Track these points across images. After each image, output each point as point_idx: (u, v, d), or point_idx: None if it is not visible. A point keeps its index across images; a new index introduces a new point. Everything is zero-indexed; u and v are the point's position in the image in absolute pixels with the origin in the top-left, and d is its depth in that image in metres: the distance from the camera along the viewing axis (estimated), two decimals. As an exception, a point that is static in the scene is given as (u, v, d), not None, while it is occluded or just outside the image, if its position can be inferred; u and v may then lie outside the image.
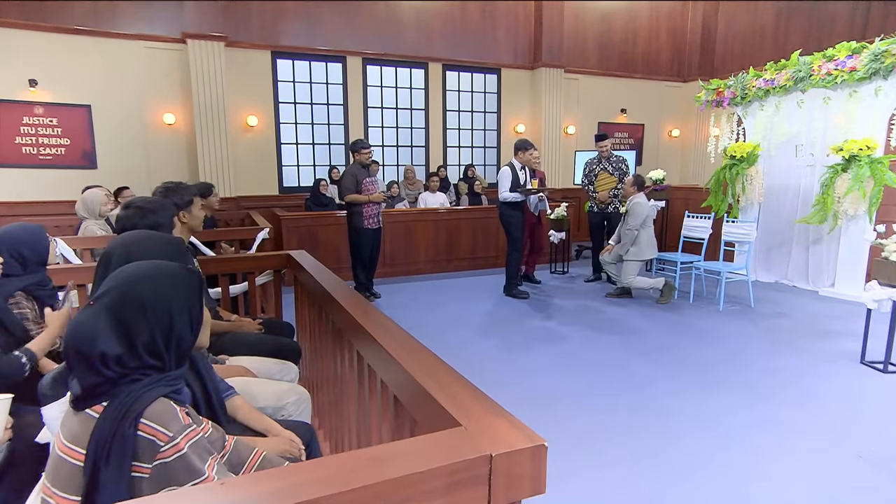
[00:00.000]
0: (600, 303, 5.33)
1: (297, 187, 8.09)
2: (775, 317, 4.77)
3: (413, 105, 8.79)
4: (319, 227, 6.24)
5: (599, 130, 9.93)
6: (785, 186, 6.10)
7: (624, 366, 3.62)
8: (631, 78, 10.18)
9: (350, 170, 5.15)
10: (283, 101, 7.85)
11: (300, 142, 8.10)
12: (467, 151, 9.39)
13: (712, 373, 3.48)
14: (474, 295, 5.65)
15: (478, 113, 9.32)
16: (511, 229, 5.38)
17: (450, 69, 8.92)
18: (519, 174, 5.31)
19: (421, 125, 8.90)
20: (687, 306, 5.17)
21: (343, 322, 1.75)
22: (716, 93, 6.55)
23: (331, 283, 2.06)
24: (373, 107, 8.50)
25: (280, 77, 7.77)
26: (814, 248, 5.80)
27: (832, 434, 2.68)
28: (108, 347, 0.99)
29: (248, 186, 7.68)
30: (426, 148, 9.00)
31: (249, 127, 7.63)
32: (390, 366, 1.26)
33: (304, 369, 2.72)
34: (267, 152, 7.80)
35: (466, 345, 4.03)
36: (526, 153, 5.29)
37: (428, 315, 4.87)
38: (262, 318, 2.72)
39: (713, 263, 5.33)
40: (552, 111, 9.32)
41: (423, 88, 8.79)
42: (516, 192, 5.22)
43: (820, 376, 3.40)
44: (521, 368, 3.56)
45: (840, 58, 5.18)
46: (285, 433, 1.52)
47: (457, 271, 6.89)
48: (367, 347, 1.48)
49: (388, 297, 5.53)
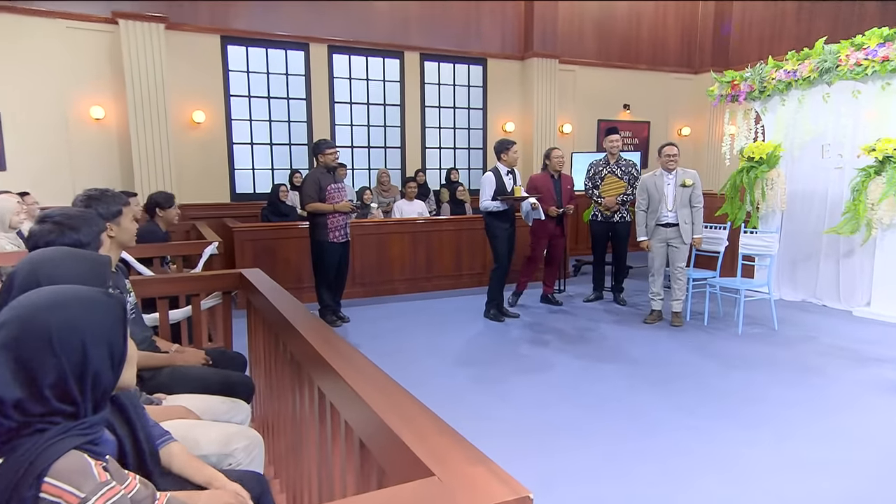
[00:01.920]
0: (601, 325, 5.37)
1: (253, 194, 8.08)
2: (802, 341, 4.86)
3: (387, 100, 8.86)
4: (278, 241, 6.21)
5: (599, 128, 10.12)
6: (810, 192, 6.26)
7: (627, 398, 3.64)
8: (635, 69, 10.42)
9: (313, 174, 5.14)
10: (235, 95, 7.86)
11: (256, 142, 8.10)
12: (449, 153, 9.47)
13: (729, 405, 3.52)
14: (457, 318, 5.65)
15: (461, 109, 9.43)
16: (496, 243, 5.41)
17: (428, 59, 9.03)
18: (505, 179, 5.35)
19: (396, 123, 8.97)
20: (701, 329, 5.23)
21: (302, 353, 1.74)
22: (730, 86, 6.72)
23: (288, 308, 2.06)
24: (340, 102, 8.55)
25: (231, 66, 7.79)
26: (845, 262, 5.93)
27: (869, 478, 2.72)
28: (5, 392, 0.96)
29: (195, 193, 7.64)
30: (402, 149, 9.06)
31: (195, 124, 7.60)
32: (355, 405, 1.25)
33: (257, 408, 2.69)
34: (216, 154, 7.78)
35: (445, 376, 4.03)
36: (509, 153, 5.36)
37: (402, 342, 4.86)
38: (208, 349, 2.69)
39: (730, 280, 5.42)
40: (545, 107, 9.47)
41: (399, 81, 8.87)
42: (497, 201, 5.26)
43: (854, 410, 3.46)
44: (508, 402, 3.57)
45: (871, 46, 5.35)
46: (231, 486, 1.50)
47: (437, 291, 6.89)
48: (329, 383, 1.48)
49: (358, 321, 5.50)
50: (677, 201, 5.25)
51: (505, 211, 5.35)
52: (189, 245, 4.72)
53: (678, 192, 5.24)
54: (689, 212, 5.23)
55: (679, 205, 5.24)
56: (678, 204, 5.24)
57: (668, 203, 5.31)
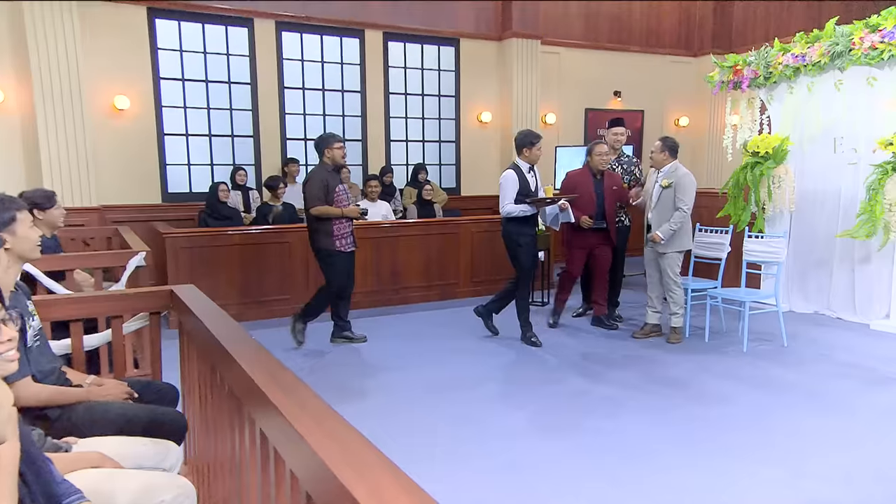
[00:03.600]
0: (587, 341, 5.42)
1: (188, 194, 7.97)
2: (815, 360, 4.96)
3: (345, 86, 8.83)
4: (220, 250, 6.12)
5: (587, 119, 10.24)
6: (822, 191, 6.42)
7: (614, 426, 3.66)
8: (626, 52, 10.59)
9: (318, 173, 5.12)
10: (166, 77, 7.74)
11: (192, 132, 7.98)
12: (417, 147, 9.48)
13: (734, 436, 3.56)
14: (426, 336, 5.65)
15: (430, 97, 9.46)
16: (520, 253, 5.26)
17: (393, 39, 9.03)
18: (528, 178, 5.28)
19: (356, 112, 8.94)
20: (701, 346, 5.30)
21: (241, 387, 1.70)
22: (732, 71, 6.87)
23: (226, 332, 2.01)
24: (291, 87, 8.49)
25: (161, 44, 7.67)
26: (861, 270, 6.09)
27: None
28: None
29: (117, 192, 7.49)
30: (363, 143, 9.03)
31: (118, 111, 7.45)
32: (301, 452, 1.22)
33: (190, 450, 2.63)
34: (144, 146, 7.64)
35: (412, 405, 4.01)
36: (532, 150, 5.26)
37: (361, 366, 4.82)
38: (132, 380, 2.63)
39: (733, 291, 5.52)
40: (526, 95, 9.55)
41: (359, 64, 8.85)
42: (524, 204, 5.16)
43: (874, 441, 3.53)
44: (482, 435, 3.56)
45: (887, 27, 5.48)
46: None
47: (404, 304, 6.88)
48: (272, 424, 1.44)
49: (308, 342, 5.43)
50: (659, 203, 5.35)
51: (530, 217, 5.28)
52: (111, 255, 4.62)
53: (662, 193, 5.35)
54: (667, 216, 5.29)
55: (660, 207, 5.33)
56: (659, 206, 5.34)
57: (652, 204, 5.43)
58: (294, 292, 6.39)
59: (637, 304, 6.65)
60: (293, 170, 7.95)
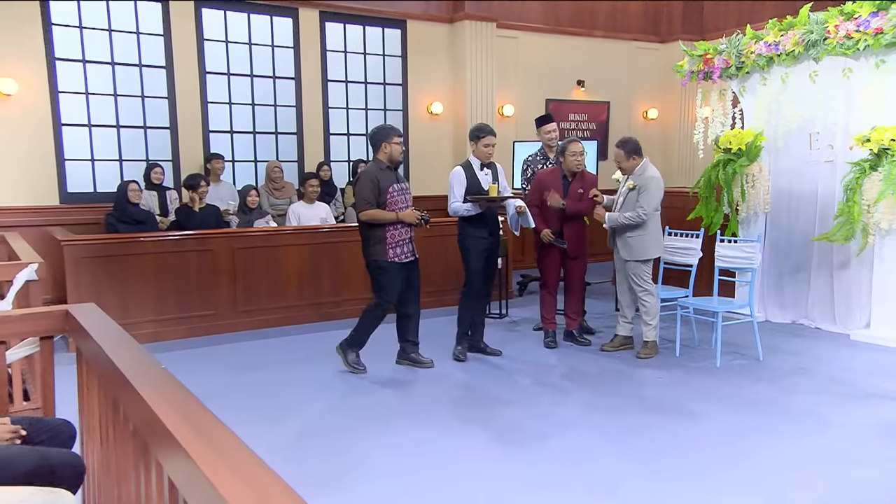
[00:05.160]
0: (554, 356, 5.48)
1: (93, 194, 7.78)
2: (793, 374, 5.11)
3: (276, 72, 8.74)
4: (131, 260, 5.99)
5: (548, 110, 10.36)
6: (798, 191, 6.65)
7: (578, 455, 3.69)
8: (590, 37, 10.79)
9: (369, 171, 5.06)
10: (62, 59, 7.54)
11: (96, 123, 7.78)
12: (359, 141, 9.43)
13: (705, 461, 3.63)
14: (373, 353, 5.59)
15: (374, 85, 9.45)
16: (468, 257, 5.39)
17: (330, 20, 8.98)
18: (479, 175, 5.35)
19: (290, 102, 8.87)
20: (672, 361, 5.41)
21: (147, 426, 1.65)
22: (703, 60, 7.06)
23: (131, 359, 1.95)
24: (214, 72, 8.35)
25: (55, 19, 7.47)
26: (840, 276, 6.32)
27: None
28: None
29: (5, 192, 7.26)
30: (299, 136, 8.96)
31: (3, 96, 7.24)
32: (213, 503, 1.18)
33: (88, 500, 2.53)
34: (37, 138, 7.43)
35: (352, 437, 3.97)
36: (478, 144, 5.34)
37: (294, 391, 4.76)
38: (17, 416, 2.52)
39: (706, 300, 5.65)
40: (481, 84, 9.63)
41: (293, 47, 8.78)
42: (467, 203, 5.24)
43: (855, 463, 3.63)
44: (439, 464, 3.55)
45: (862, 15, 5.71)
46: None
47: (348, 318, 6.79)
48: (181, 471, 1.39)
49: (232, 363, 5.37)
50: (624, 207, 5.45)
51: (482, 216, 5.33)
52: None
53: (627, 195, 5.45)
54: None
55: (625, 211, 5.43)
56: (624, 210, 5.44)
57: (617, 206, 5.53)
58: (220, 307, 6.29)
59: (604, 314, 6.75)
60: (217, 166, 7.79)
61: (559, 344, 5.87)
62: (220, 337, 6.15)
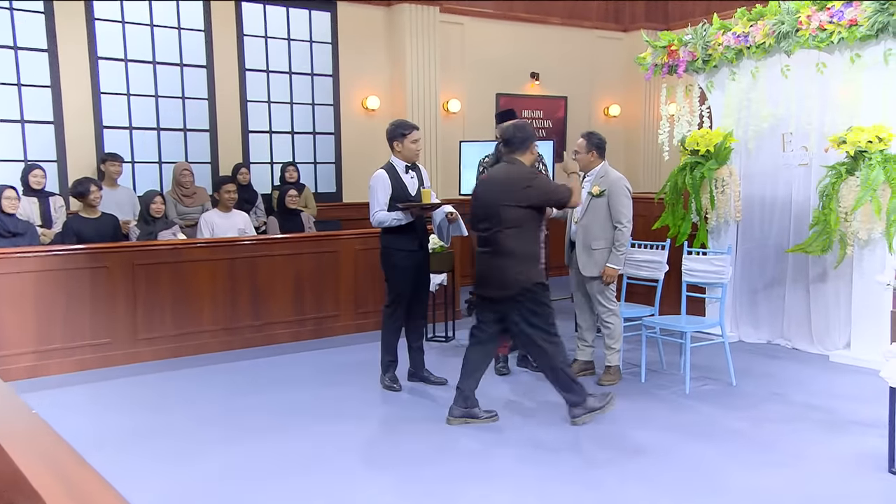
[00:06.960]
0: (496, 385, 5.51)
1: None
2: (768, 400, 5.22)
3: (185, 59, 8.63)
4: (6, 280, 5.78)
5: (500, 107, 10.43)
6: (771, 197, 6.82)
7: (529, 496, 3.69)
8: (545, 24, 10.93)
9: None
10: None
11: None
12: (284, 140, 9.39)
13: (672, 498, 3.67)
14: (294, 381, 5.59)
15: (300, 76, 9.41)
16: (395, 275, 5.39)
17: (249, 0, 8.86)
18: (403, 178, 5.36)
19: (202, 94, 8.74)
20: (637, 388, 5.48)
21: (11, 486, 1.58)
22: (667, 52, 7.20)
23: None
24: (108, 58, 8.19)
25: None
26: (817, 291, 6.47)
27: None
28: None
29: None
30: (212, 133, 8.85)
31: None
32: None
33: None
34: None
35: (260, 486, 3.89)
36: (404, 142, 5.34)
37: (199, 428, 4.67)
38: None
39: (673, 319, 5.74)
40: (422, 76, 9.66)
41: (203, 31, 8.66)
42: (398, 211, 5.23)
43: (832, 498, 3.72)
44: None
45: (836, 5, 5.90)
46: None
47: (269, 345, 6.77)
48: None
49: (132, 401, 5.25)
50: (587, 215, 5.49)
51: (411, 226, 5.32)
52: None
53: (590, 202, 5.49)
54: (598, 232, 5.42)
55: (587, 221, 5.47)
56: (586, 219, 5.49)
57: (577, 213, 5.56)
58: (116, 334, 6.14)
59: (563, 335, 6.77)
60: (113, 169, 7.58)
61: (511, 370, 5.89)
62: (116, 370, 5.98)
